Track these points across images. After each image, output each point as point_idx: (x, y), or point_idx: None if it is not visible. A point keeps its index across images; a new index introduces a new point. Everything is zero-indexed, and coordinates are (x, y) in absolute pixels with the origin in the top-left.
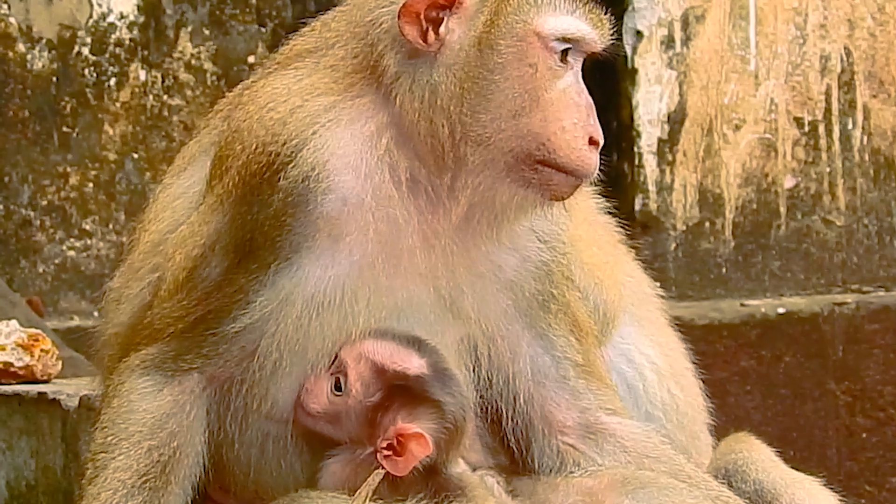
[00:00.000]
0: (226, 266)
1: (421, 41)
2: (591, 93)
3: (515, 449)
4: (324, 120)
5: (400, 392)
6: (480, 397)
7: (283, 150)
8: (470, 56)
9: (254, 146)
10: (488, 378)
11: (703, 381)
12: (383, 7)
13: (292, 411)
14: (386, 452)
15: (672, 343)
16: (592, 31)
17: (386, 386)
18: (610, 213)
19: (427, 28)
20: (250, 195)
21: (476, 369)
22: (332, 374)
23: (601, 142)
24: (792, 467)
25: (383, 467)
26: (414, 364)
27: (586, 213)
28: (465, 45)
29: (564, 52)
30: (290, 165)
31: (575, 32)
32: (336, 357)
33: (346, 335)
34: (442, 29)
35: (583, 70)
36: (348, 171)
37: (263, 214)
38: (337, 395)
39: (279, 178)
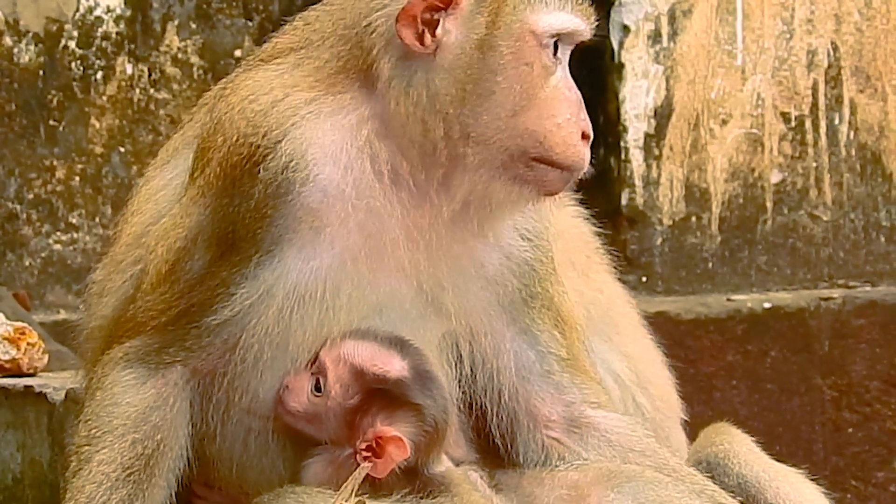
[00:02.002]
0: (208, 259)
1: (417, 44)
2: (577, 87)
3: (500, 443)
4: (304, 112)
5: (379, 395)
6: (464, 393)
7: (263, 142)
8: (472, 58)
9: (235, 137)
10: (472, 374)
11: (690, 376)
12: (377, 11)
13: (273, 407)
14: (365, 454)
15: (642, 351)
16: (582, 25)
17: (365, 389)
18: (590, 215)
19: (423, 30)
20: (231, 187)
21: (459, 365)
22: (312, 374)
23: (591, 136)
24: (777, 462)
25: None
26: (394, 367)
27: (564, 222)
28: (466, 47)
29: (555, 47)
30: (270, 156)
31: (567, 27)
32: (316, 357)
33: (328, 329)
34: (438, 31)
35: (569, 64)
36: (328, 161)
37: (244, 206)
38: (316, 396)
39: (259, 169)
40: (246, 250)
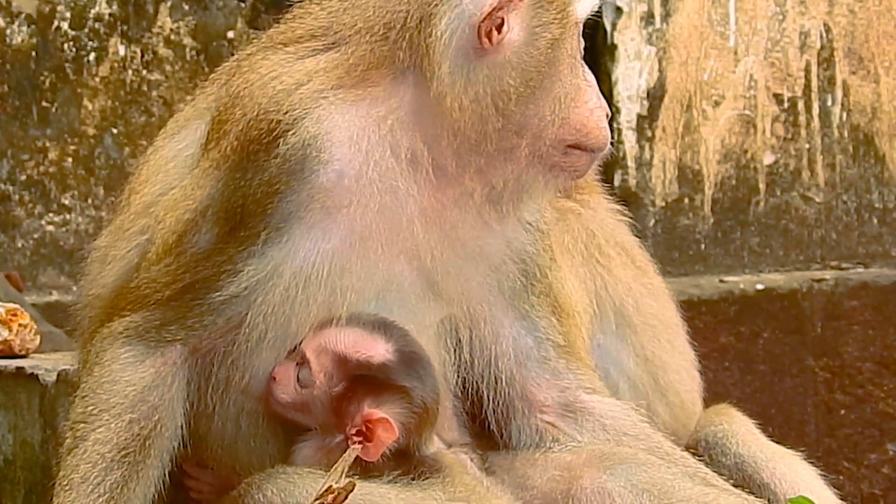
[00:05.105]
0: (216, 233)
1: (487, 41)
2: None
3: (495, 428)
4: (330, 96)
5: (365, 380)
6: (462, 378)
7: (284, 118)
8: (544, 55)
9: (255, 112)
10: (470, 359)
11: None
12: (443, 14)
13: (263, 396)
14: (356, 439)
15: (665, 355)
16: (597, 2)
17: (349, 376)
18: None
19: (491, 28)
20: (246, 161)
21: (458, 351)
22: (296, 364)
23: (609, 114)
24: (775, 444)
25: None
26: (378, 352)
27: (601, 214)
28: (538, 44)
29: None
30: (290, 132)
31: (593, 9)
32: (299, 347)
33: (331, 311)
34: (504, 28)
35: None
36: (349, 144)
37: (257, 180)
38: (302, 387)
39: (278, 143)
40: (255, 226)
